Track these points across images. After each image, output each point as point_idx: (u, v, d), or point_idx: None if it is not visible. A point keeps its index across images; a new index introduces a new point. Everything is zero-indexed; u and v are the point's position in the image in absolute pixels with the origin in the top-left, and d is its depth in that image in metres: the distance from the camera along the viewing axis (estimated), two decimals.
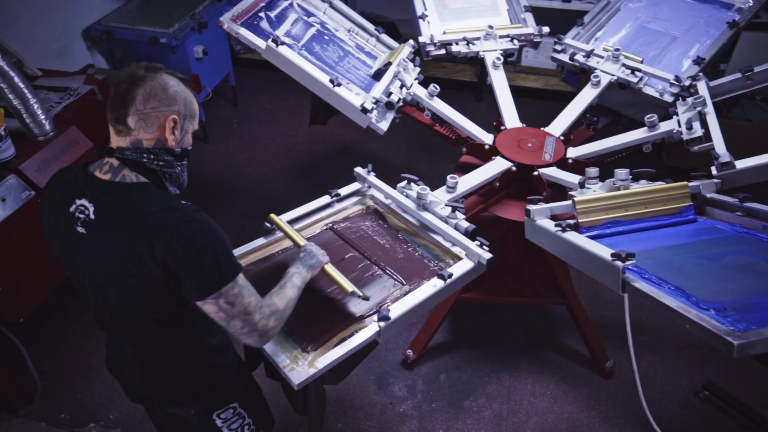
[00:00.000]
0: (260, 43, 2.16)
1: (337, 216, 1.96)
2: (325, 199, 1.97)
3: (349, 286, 1.53)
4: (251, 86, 4.64)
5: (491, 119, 2.58)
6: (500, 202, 2.28)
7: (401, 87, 2.38)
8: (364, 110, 2.14)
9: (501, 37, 2.71)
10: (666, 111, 2.34)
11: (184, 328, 1.35)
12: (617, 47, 2.51)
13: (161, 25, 3.40)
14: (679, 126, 2.14)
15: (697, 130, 2.04)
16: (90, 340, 2.67)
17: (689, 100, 2.19)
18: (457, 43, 2.66)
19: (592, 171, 1.95)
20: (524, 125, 2.45)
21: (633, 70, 2.46)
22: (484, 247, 1.72)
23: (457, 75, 4.55)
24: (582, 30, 2.80)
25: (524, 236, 1.90)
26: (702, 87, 2.23)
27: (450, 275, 1.63)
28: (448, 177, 2.05)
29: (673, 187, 1.77)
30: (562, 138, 2.37)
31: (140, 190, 1.21)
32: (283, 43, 2.13)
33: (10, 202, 1.97)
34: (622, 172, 1.81)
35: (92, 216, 1.21)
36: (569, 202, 1.78)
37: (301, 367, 1.41)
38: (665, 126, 2.19)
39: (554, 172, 2.19)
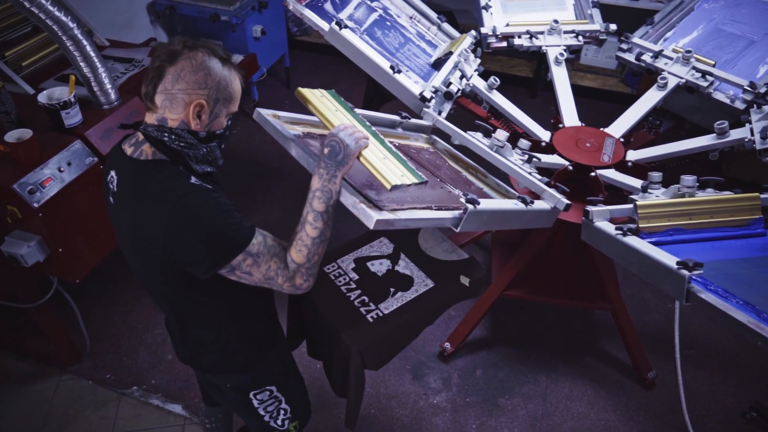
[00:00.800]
0: (324, 25, 2.16)
1: (399, 141, 1.86)
2: (394, 117, 1.89)
3: (394, 178, 1.24)
4: (305, 69, 4.67)
5: (545, 116, 2.53)
6: None
7: (461, 78, 2.35)
8: (423, 99, 2.12)
9: (566, 32, 2.63)
10: (735, 118, 2.24)
11: (206, 304, 1.33)
12: (689, 49, 2.41)
13: (223, 3, 3.45)
14: (752, 135, 2.04)
15: None
16: (137, 306, 2.76)
17: (765, 107, 2.08)
18: (519, 36, 2.60)
19: (656, 176, 1.88)
20: (583, 124, 2.38)
21: (704, 73, 2.35)
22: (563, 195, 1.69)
23: (512, 70, 4.46)
24: (651, 29, 2.69)
25: (573, 237, 1.86)
26: None
27: (531, 201, 1.59)
28: (521, 139, 2.03)
29: (743, 198, 1.69)
30: (622, 140, 2.30)
31: (152, 167, 1.19)
32: (346, 26, 2.12)
33: (75, 166, 2.04)
34: (689, 179, 1.74)
35: (116, 188, 1.24)
36: (630, 205, 1.72)
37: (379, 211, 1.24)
38: (736, 134, 2.09)
39: (612, 174, 2.13)
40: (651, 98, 2.41)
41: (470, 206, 1.39)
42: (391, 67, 2.12)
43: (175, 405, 2.38)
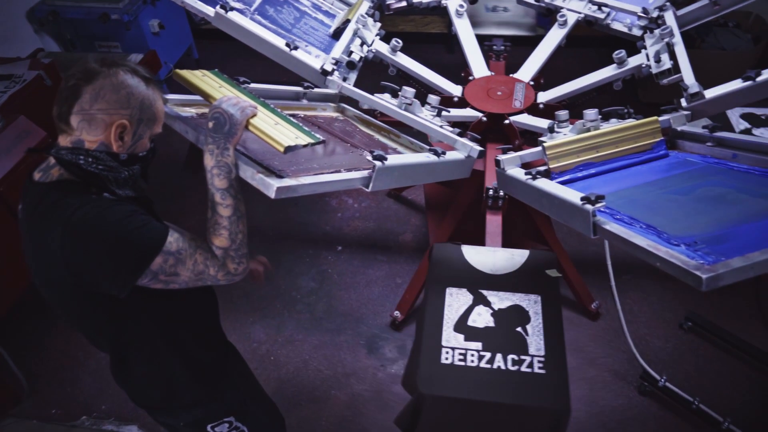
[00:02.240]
0: (208, 10, 2.05)
1: (306, 113, 1.80)
2: (297, 89, 1.83)
3: (287, 141, 1.21)
4: (216, 58, 4.47)
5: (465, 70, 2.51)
6: None
7: (362, 45, 2.29)
8: (325, 72, 2.06)
9: None
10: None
11: (138, 333, 1.24)
12: None
13: (111, 1, 3.24)
14: (648, 60, 2.08)
15: (666, 63, 1.99)
16: (74, 333, 2.63)
17: (657, 32, 2.13)
18: None
19: (562, 114, 1.90)
20: (492, 73, 2.38)
21: (600, 5, 2.38)
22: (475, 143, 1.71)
23: (427, 28, 4.42)
24: None
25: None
26: (669, 17, 2.17)
27: (443, 153, 1.60)
28: (430, 95, 2.02)
29: (643, 124, 1.73)
30: (531, 83, 2.31)
31: (51, 188, 1.10)
32: (232, 9, 2.02)
33: None
34: (590, 113, 1.76)
35: (21, 218, 1.17)
36: (539, 148, 1.74)
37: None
38: (633, 61, 2.13)
39: (525, 119, 2.14)
40: (554, 37, 2.44)
41: (378, 163, 1.37)
42: (287, 45, 2.04)
43: (131, 426, 2.30)
